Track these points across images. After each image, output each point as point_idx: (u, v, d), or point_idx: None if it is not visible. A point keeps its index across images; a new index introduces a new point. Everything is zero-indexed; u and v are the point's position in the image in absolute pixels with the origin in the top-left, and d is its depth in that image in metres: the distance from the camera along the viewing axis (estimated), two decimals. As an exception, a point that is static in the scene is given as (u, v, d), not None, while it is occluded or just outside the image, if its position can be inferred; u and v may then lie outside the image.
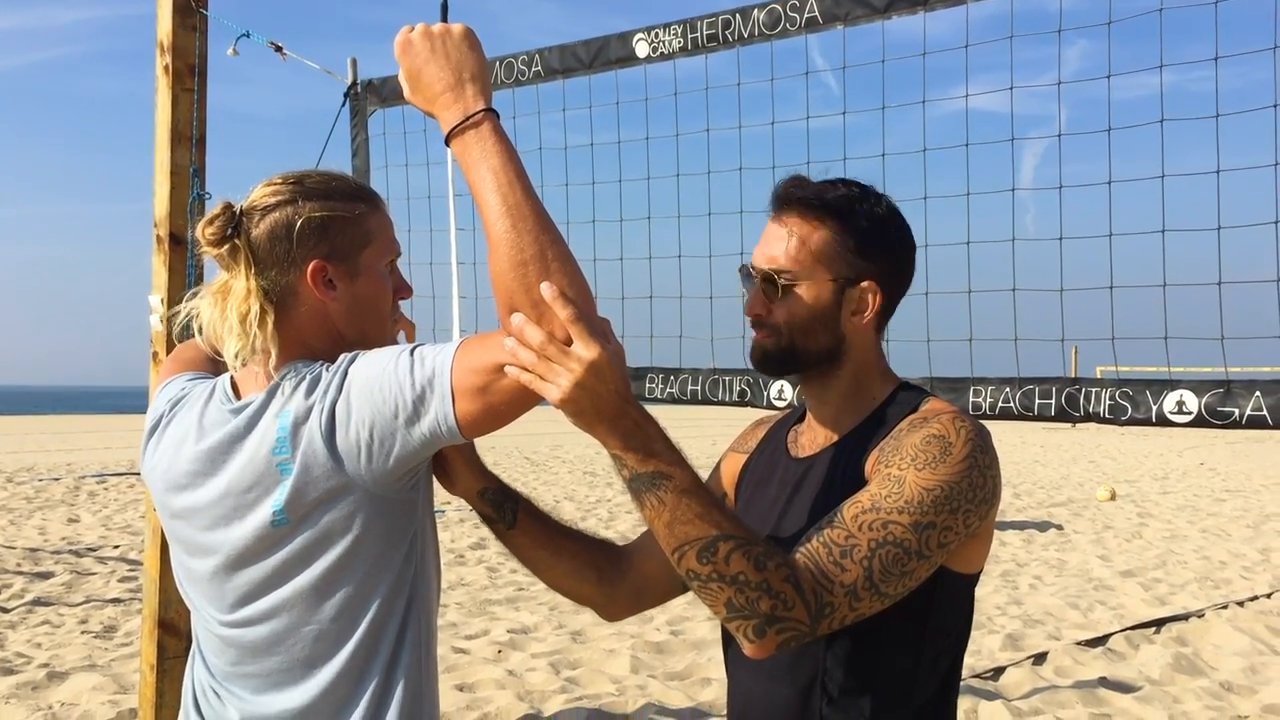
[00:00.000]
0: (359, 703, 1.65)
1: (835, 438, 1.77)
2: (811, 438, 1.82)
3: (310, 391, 1.61)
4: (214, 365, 1.93)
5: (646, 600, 1.96)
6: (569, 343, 1.44)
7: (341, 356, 1.65)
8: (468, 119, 1.52)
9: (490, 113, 1.53)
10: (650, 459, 1.49)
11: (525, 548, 1.89)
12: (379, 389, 1.57)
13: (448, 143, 1.55)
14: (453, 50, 1.57)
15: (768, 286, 1.74)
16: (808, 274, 1.72)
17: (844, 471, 1.70)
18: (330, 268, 1.69)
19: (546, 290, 1.45)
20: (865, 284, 1.74)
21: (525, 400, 1.53)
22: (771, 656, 1.53)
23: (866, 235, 1.73)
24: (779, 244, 1.74)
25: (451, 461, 1.82)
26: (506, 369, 1.49)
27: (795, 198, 1.75)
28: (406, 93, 1.61)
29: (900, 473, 1.57)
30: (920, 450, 1.59)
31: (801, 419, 1.89)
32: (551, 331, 1.45)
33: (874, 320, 1.76)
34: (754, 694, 1.78)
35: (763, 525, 1.74)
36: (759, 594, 1.46)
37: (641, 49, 3.83)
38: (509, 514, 1.87)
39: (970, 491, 1.57)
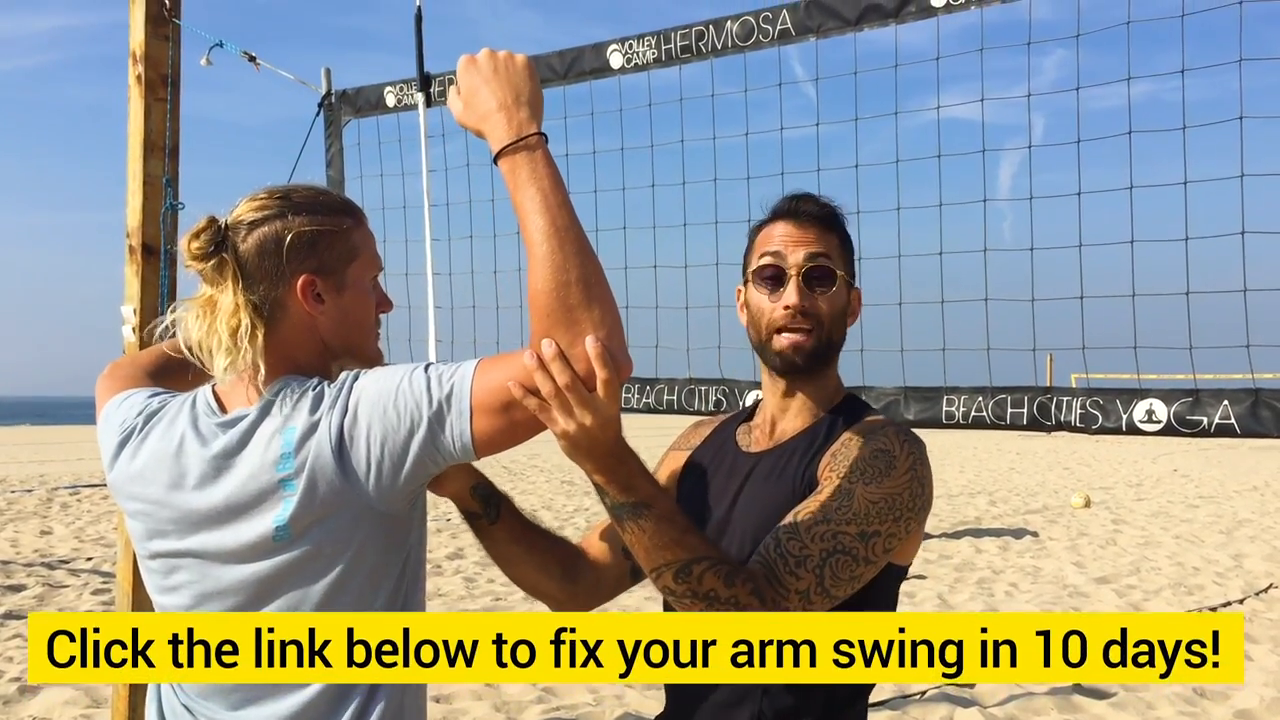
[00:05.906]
0: (340, 719, 1.64)
1: (787, 436, 1.89)
2: (763, 433, 1.93)
3: (315, 407, 1.60)
4: (154, 382, 1.89)
5: (600, 595, 2.04)
6: (591, 387, 1.49)
7: (343, 374, 1.65)
8: (521, 139, 1.56)
9: (542, 136, 1.57)
10: (631, 491, 1.58)
11: (502, 542, 1.95)
12: (391, 407, 1.57)
13: (496, 160, 1.58)
14: (513, 74, 1.61)
15: (818, 277, 1.86)
16: (839, 270, 1.88)
17: (794, 469, 1.82)
18: (319, 281, 1.69)
19: (591, 346, 1.48)
20: (856, 290, 1.93)
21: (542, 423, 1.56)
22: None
23: (851, 248, 1.94)
24: (814, 242, 1.87)
25: None
26: (512, 388, 1.51)
27: (811, 210, 1.90)
28: (457, 112, 1.65)
29: (850, 486, 1.71)
30: (868, 464, 1.73)
31: (749, 417, 2.00)
32: (576, 373, 1.48)
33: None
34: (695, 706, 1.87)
35: (709, 513, 1.87)
36: (728, 609, 1.58)
37: (615, 60, 3.85)
38: (493, 509, 1.92)
39: (911, 500, 1.73)
